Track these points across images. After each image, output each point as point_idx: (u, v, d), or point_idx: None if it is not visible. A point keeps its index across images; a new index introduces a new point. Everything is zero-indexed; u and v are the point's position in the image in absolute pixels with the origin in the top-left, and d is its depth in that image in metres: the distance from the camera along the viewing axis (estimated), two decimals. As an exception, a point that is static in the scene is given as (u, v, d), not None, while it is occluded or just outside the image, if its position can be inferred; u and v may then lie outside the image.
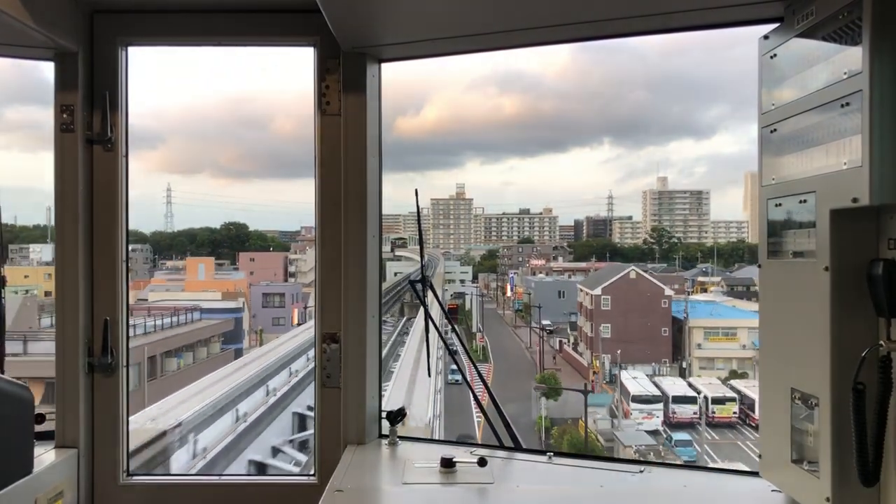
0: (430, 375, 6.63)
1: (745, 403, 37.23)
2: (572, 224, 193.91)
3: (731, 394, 38.50)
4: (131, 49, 3.03)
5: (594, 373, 45.25)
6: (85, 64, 2.91)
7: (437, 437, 12.69)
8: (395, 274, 39.90)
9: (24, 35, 2.64)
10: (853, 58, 1.86)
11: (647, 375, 40.09)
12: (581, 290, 57.89)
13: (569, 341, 57.17)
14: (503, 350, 54.25)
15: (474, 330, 60.52)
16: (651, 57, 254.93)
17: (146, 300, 39.68)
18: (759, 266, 2.35)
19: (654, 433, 33.17)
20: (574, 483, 2.65)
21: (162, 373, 23.43)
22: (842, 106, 1.91)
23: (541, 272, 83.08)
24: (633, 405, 36.15)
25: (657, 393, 37.45)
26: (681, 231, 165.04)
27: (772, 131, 2.28)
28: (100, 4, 2.91)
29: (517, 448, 2.91)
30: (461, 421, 30.79)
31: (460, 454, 2.70)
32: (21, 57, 2.95)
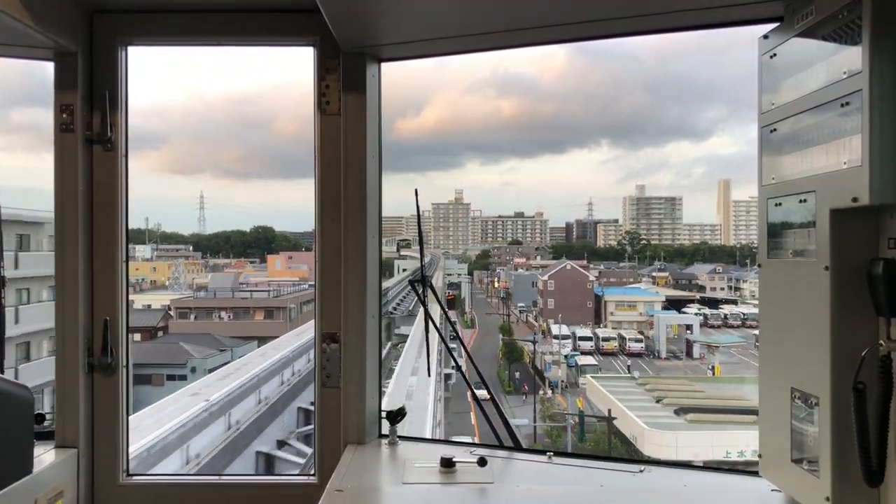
0: (429, 375, 6.05)
1: (624, 341, 60.55)
2: (564, 226, 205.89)
3: (614, 335, 61.76)
4: (131, 49, 2.97)
5: (538, 326, 69.44)
6: (85, 64, 2.85)
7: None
8: (403, 270, 48.93)
9: (24, 35, 2.60)
10: (853, 57, 1.82)
11: (571, 331, 63.29)
12: (539, 278, 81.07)
13: (532, 314, 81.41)
14: (485, 321, 77.63)
15: (467, 309, 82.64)
16: (648, 60, 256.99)
17: (245, 284, 61.83)
18: (759, 266, 2.31)
19: (565, 356, 56.09)
20: (574, 483, 2.60)
21: (302, 313, 46.96)
22: (842, 105, 1.87)
23: (522, 268, 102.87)
24: (554, 340, 58.88)
25: (569, 333, 59.94)
26: (656, 233, 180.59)
27: (771, 131, 2.23)
28: (99, 4, 2.86)
29: (517, 448, 2.88)
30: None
31: (460, 454, 2.66)
32: (21, 57, 2.90)
